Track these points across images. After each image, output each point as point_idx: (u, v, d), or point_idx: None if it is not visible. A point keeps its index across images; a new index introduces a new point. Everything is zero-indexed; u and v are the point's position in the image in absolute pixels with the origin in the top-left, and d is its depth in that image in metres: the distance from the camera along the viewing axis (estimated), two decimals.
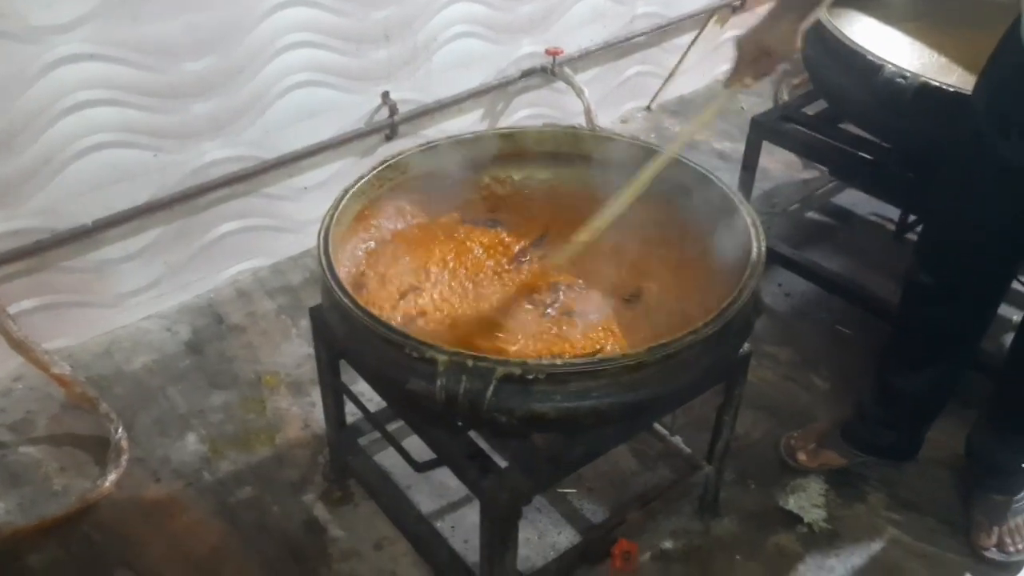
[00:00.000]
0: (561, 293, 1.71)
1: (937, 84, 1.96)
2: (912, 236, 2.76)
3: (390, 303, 1.65)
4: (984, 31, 1.71)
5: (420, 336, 1.36)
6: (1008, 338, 2.14)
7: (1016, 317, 2.44)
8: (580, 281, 1.74)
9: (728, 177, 2.78)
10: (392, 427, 1.92)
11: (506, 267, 1.78)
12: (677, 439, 1.96)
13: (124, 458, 1.99)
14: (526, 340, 1.58)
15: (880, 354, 1.97)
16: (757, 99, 3.40)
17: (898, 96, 2.01)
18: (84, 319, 2.32)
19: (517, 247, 1.83)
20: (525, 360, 1.30)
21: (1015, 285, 2.28)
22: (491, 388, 1.29)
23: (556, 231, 1.85)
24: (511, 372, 1.28)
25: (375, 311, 1.56)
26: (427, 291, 1.69)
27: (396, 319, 1.59)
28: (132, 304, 2.39)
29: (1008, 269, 1.73)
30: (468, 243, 1.82)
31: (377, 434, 1.90)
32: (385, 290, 1.66)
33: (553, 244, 1.82)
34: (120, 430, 2.01)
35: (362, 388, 1.77)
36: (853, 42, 2.11)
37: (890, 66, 2.02)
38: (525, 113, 3.08)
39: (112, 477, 1.94)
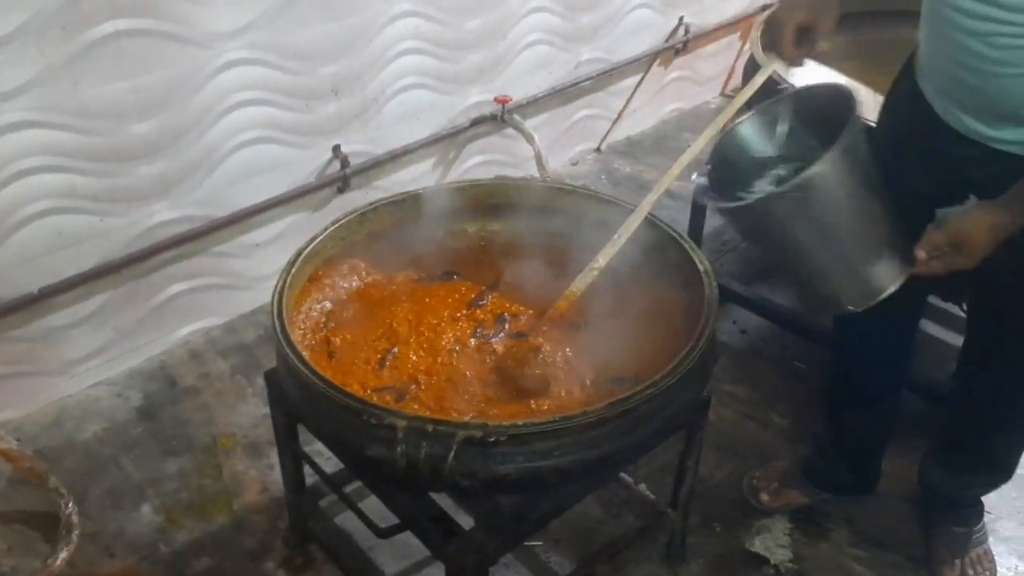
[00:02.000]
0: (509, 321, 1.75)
1: (874, 125, 2.01)
2: None
3: (372, 372, 1.62)
4: None
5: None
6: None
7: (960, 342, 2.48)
8: (530, 311, 1.77)
9: (678, 215, 2.84)
10: (353, 487, 1.90)
11: (464, 313, 1.77)
12: (642, 487, 1.95)
13: (75, 534, 1.92)
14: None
15: (825, 392, 2.00)
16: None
17: None
18: (31, 389, 2.26)
19: (473, 294, 1.82)
20: (486, 423, 1.29)
21: (958, 311, 2.34)
22: (452, 452, 1.28)
23: (511, 277, 1.85)
24: (472, 435, 1.27)
25: (351, 381, 1.55)
26: (405, 355, 1.66)
27: (385, 396, 1.56)
28: (81, 371, 2.33)
29: (918, 289, 1.77)
30: (428, 299, 1.80)
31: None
32: (359, 357, 1.64)
33: (508, 288, 1.83)
34: (70, 505, 1.94)
35: (321, 447, 1.75)
36: (794, 87, 2.16)
37: None
38: (477, 160, 3.10)
39: (63, 555, 1.87)
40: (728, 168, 1.55)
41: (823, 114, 1.47)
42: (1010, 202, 1.32)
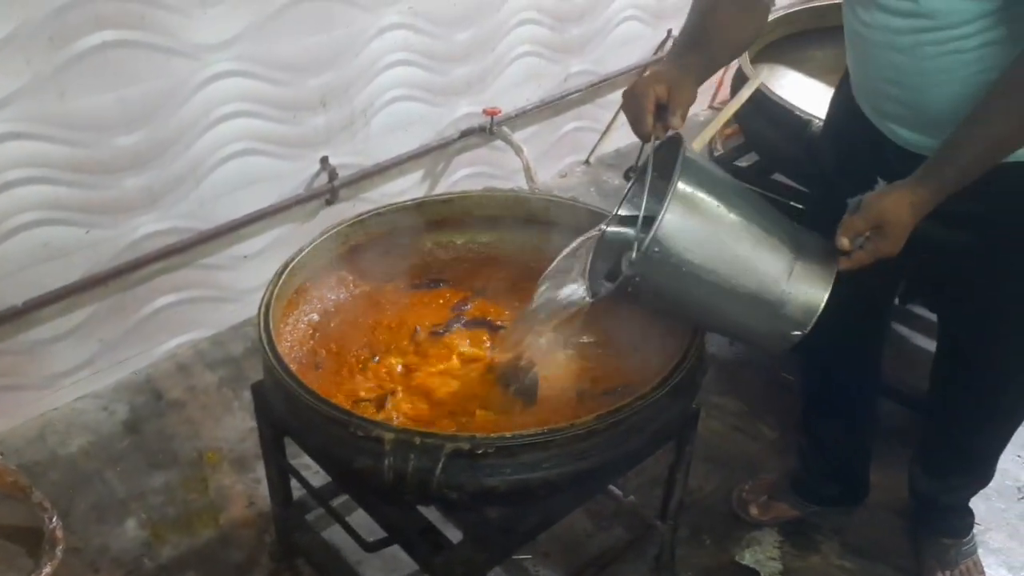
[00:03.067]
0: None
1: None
2: None
3: (350, 381, 1.62)
4: None
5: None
6: None
7: None
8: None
9: None
10: (340, 500, 1.89)
11: (451, 317, 1.78)
12: (631, 499, 1.95)
13: (59, 549, 1.89)
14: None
15: (802, 406, 2.00)
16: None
17: None
18: (15, 402, 2.23)
19: (458, 299, 1.83)
20: (474, 435, 1.29)
21: (930, 315, 2.34)
22: (440, 465, 1.27)
23: (496, 284, 1.86)
24: (460, 447, 1.27)
25: (335, 391, 1.55)
26: (387, 363, 1.65)
27: (366, 406, 1.56)
28: (66, 384, 2.31)
29: (878, 301, 1.77)
30: (413, 306, 1.80)
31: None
32: (344, 368, 1.64)
33: (493, 294, 1.84)
34: (55, 519, 1.92)
35: (308, 460, 1.73)
36: (782, 99, 2.18)
37: (817, 121, 2.08)
38: (465, 172, 3.10)
39: (46, 570, 1.84)
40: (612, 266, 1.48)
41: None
42: (924, 177, 1.29)
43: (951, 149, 1.29)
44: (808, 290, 1.35)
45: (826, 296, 1.35)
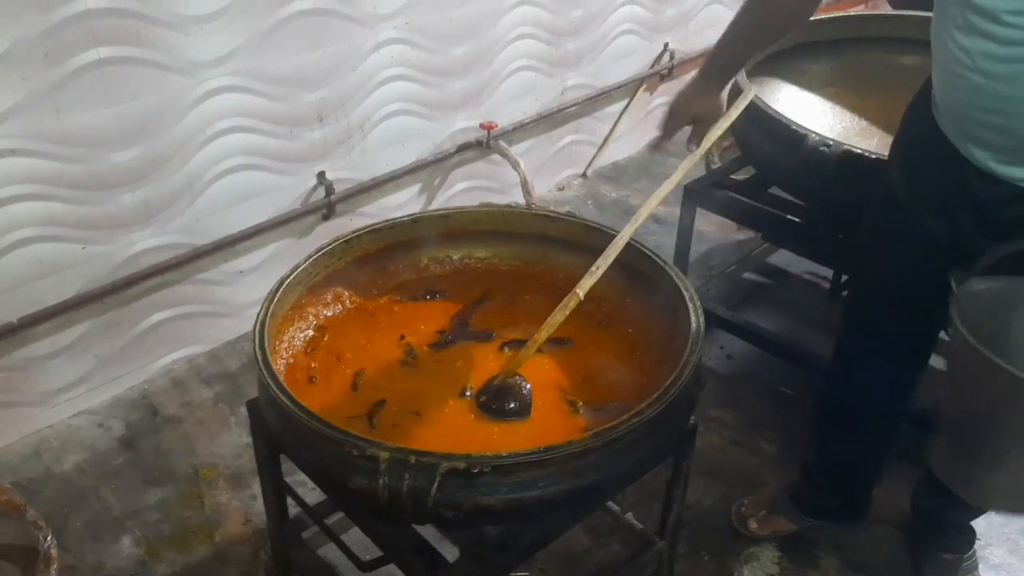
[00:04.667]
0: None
1: (859, 151, 2.03)
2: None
3: (344, 394, 1.61)
4: (898, 93, 1.78)
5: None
6: None
7: None
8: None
9: (663, 240, 2.85)
10: (336, 518, 1.88)
11: (448, 329, 1.77)
12: (629, 515, 1.93)
13: (54, 568, 1.87)
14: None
15: (815, 418, 1.99)
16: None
17: (823, 163, 2.07)
18: (10, 419, 2.23)
19: (456, 311, 1.82)
20: (469, 453, 1.28)
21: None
22: (436, 484, 1.26)
23: (496, 295, 1.86)
24: (455, 466, 1.26)
25: (330, 408, 1.54)
26: (381, 377, 1.65)
27: (357, 416, 1.55)
28: (61, 401, 2.30)
29: (932, 328, 1.74)
30: (409, 319, 1.80)
31: None
32: (336, 381, 1.63)
33: (494, 306, 1.83)
34: (49, 538, 1.90)
35: (305, 477, 1.72)
36: (778, 113, 2.18)
37: (814, 135, 2.09)
38: (462, 186, 3.10)
39: None
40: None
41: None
42: None
43: None
44: None
45: None
